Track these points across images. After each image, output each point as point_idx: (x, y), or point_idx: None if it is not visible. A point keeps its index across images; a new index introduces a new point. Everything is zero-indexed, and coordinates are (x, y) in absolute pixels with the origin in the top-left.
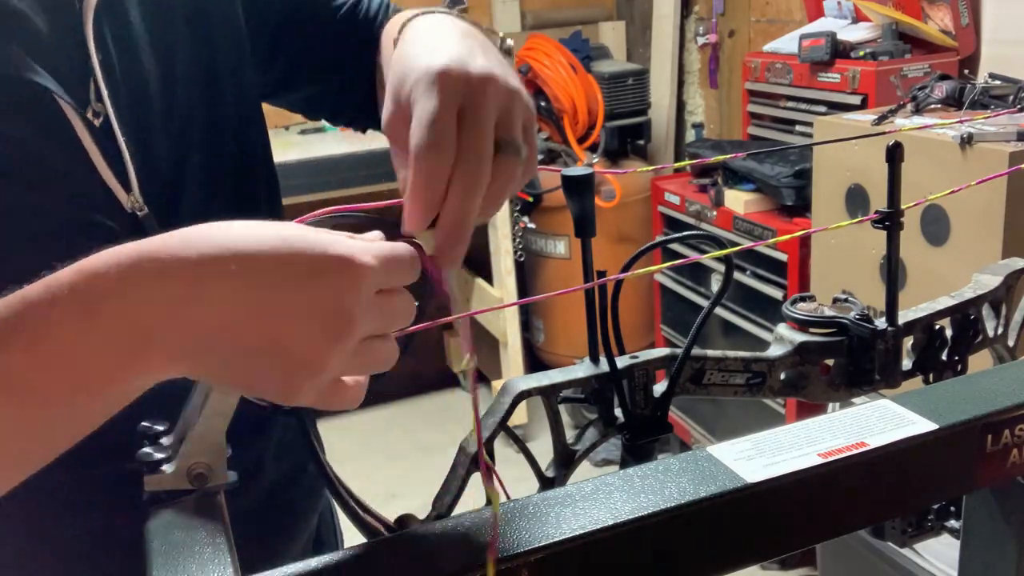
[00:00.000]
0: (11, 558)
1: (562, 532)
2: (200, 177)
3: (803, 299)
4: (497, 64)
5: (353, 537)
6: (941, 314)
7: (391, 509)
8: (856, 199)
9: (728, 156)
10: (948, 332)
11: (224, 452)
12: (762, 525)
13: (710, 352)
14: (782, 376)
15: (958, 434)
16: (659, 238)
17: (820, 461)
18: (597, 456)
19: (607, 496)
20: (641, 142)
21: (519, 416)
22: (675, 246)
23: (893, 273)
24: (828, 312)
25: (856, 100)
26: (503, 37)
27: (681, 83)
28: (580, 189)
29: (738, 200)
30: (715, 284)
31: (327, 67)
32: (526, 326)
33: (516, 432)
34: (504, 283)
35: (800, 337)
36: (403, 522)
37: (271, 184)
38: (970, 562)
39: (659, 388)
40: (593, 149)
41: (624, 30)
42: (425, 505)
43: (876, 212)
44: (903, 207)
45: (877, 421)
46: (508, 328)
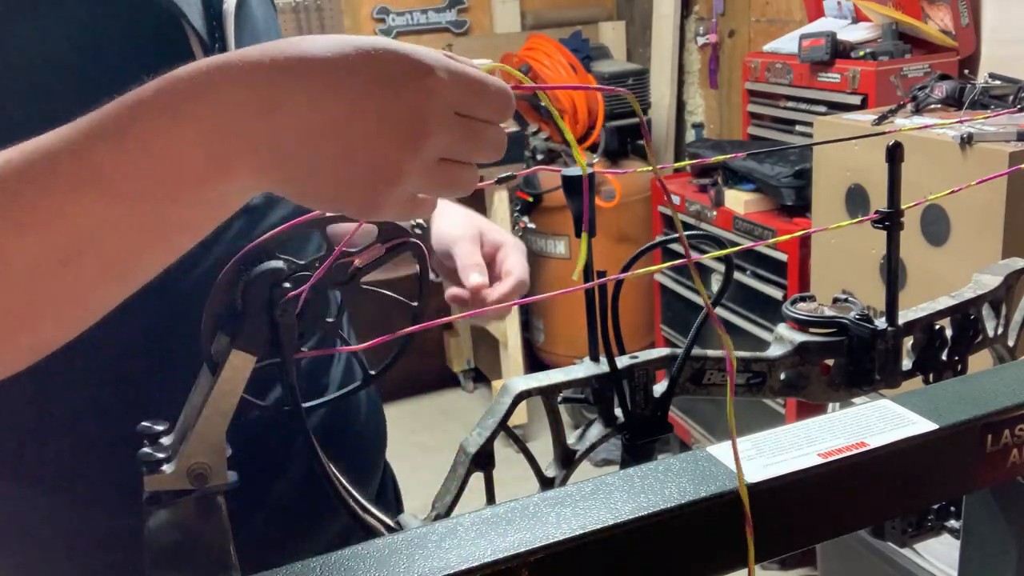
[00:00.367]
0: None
1: (562, 532)
2: None
3: (803, 299)
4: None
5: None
6: (941, 314)
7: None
8: (856, 199)
9: (728, 156)
10: (948, 332)
11: (224, 452)
12: (762, 525)
13: (710, 352)
14: (782, 376)
15: (958, 434)
16: (659, 238)
17: (820, 461)
18: (597, 456)
19: (607, 496)
20: (641, 142)
21: (519, 416)
22: (675, 246)
23: (893, 273)
24: (828, 312)
25: (856, 100)
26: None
27: (681, 83)
28: (580, 189)
29: (738, 200)
30: (715, 284)
31: None
32: (526, 326)
33: (516, 432)
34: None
35: (800, 337)
36: (403, 522)
37: None
38: (970, 562)
39: (659, 388)
40: (593, 149)
41: (624, 30)
42: (425, 505)
43: (876, 212)
44: (903, 207)
45: (877, 421)
46: (508, 328)
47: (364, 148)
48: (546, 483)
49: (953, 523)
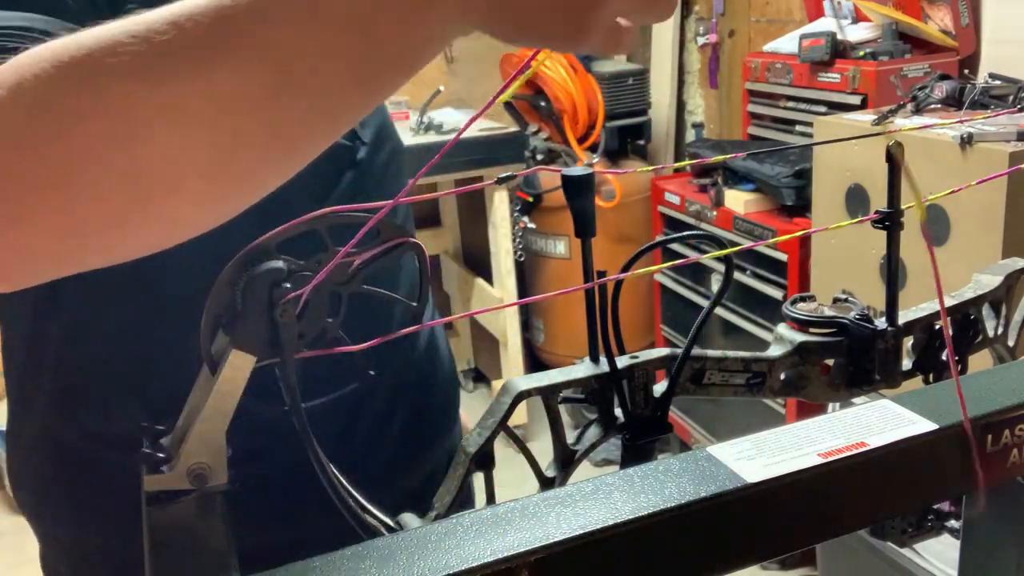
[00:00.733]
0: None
1: (562, 532)
2: None
3: (803, 299)
4: None
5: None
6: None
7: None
8: (856, 199)
9: (728, 156)
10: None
11: (224, 452)
12: (762, 525)
13: (710, 352)
14: (782, 376)
15: (958, 434)
16: (659, 238)
17: (820, 461)
18: (597, 456)
19: (607, 496)
20: (641, 142)
21: (519, 416)
22: (675, 246)
23: (893, 273)
24: (828, 312)
25: (856, 100)
26: None
27: (681, 83)
28: (580, 189)
29: (738, 200)
30: (715, 284)
31: None
32: (526, 326)
33: (516, 432)
34: (504, 283)
35: (800, 337)
36: (403, 522)
37: None
38: (970, 562)
39: (659, 388)
40: (593, 149)
41: None
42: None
43: (876, 212)
44: (903, 207)
45: (877, 421)
46: (508, 328)
47: None
48: (546, 483)
49: (953, 523)
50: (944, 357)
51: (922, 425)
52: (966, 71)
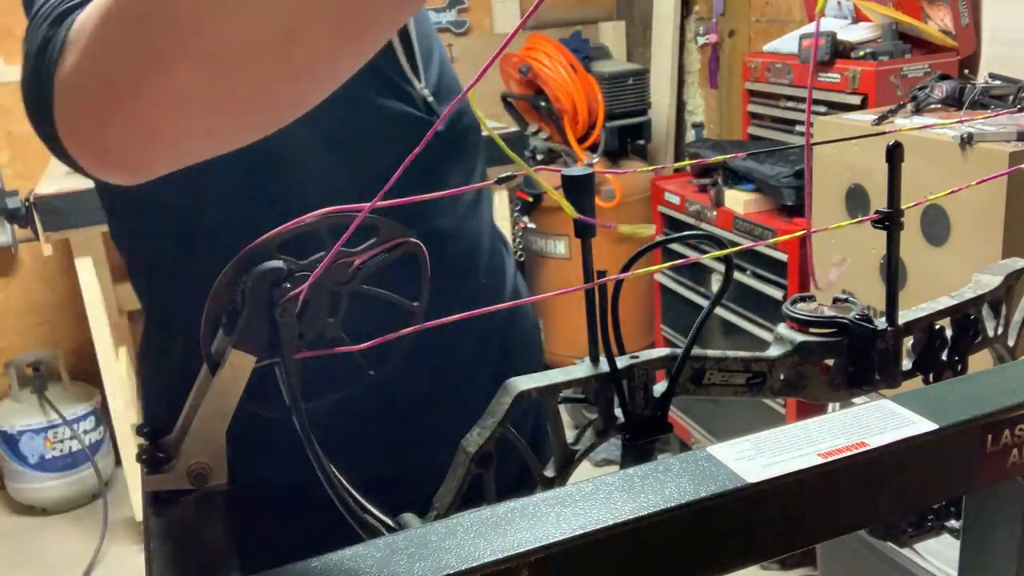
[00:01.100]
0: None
1: (562, 532)
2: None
3: (803, 299)
4: None
5: None
6: (941, 314)
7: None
8: (856, 199)
9: (728, 156)
10: (948, 332)
11: (224, 452)
12: (762, 525)
13: (710, 352)
14: (782, 376)
15: (958, 434)
16: (659, 238)
17: (820, 461)
18: (597, 456)
19: (607, 496)
20: (641, 142)
21: None
22: (675, 246)
23: (893, 273)
24: (828, 312)
25: (856, 100)
26: None
27: (681, 83)
28: (581, 189)
29: (738, 200)
30: (715, 284)
31: None
32: None
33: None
34: None
35: (800, 337)
36: (403, 522)
37: None
38: (970, 562)
39: (659, 388)
40: (593, 149)
41: (624, 30)
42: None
43: (876, 212)
44: (903, 207)
45: (877, 421)
46: None
47: None
48: (546, 483)
49: (953, 523)
50: (944, 357)
51: (922, 425)
52: (966, 71)
